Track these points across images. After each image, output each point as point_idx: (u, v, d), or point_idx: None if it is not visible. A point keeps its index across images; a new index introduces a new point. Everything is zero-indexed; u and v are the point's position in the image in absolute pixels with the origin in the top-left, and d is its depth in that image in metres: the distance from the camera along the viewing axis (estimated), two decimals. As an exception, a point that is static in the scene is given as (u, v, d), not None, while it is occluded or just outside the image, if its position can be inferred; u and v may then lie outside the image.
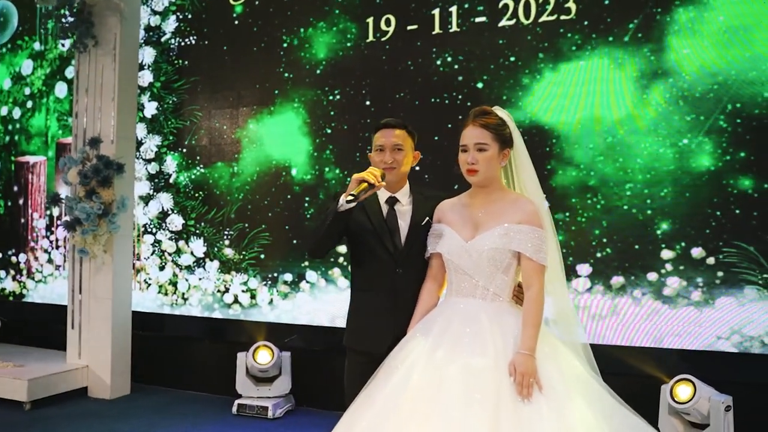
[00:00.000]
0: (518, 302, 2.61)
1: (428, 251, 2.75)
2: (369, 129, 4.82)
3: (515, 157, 2.65)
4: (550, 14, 4.39)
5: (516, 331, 2.46)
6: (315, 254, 2.91)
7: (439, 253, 2.69)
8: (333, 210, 2.64)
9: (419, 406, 2.31)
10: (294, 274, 5.03)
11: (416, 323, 2.69)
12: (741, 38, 3.96)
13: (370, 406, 2.46)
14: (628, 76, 4.20)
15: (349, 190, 2.60)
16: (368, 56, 4.88)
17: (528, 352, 2.37)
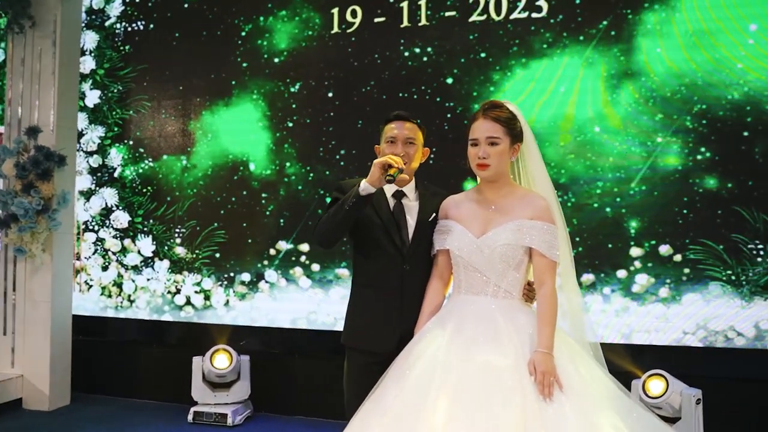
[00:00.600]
0: (528, 300, 2.56)
1: (435, 248, 2.63)
2: (333, 123, 4.68)
3: (525, 152, 2.58)
4: (521, 11, 4.38)
5: (530, 330, 2.39)
6: (326, 242, 2.70)
7: (446, 249, 2.58)
8: (355, 194, 2.48)
9: (440, 408, 2.20)
10: (252, 274, 4.80)
11: (424, 322, 2.57)
12: (707, 42, 4.07)
13: (382, 411, 2.33)
14: (599, 76, 4.24)
15: (372, 175, 2.45)
16: (333, 48, 4.71)
17: (547, 351, 2.31)
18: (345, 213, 2.49)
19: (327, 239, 2.67)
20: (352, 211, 2.49)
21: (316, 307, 4.66)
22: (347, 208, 2.48)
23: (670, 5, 4.13)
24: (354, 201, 2.47)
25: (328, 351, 4.66)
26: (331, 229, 2.59)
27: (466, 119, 4.44)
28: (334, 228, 2.57)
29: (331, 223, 2.57)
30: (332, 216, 2.56)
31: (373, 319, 2.64)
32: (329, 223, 2.58)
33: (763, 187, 3.97)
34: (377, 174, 2.46)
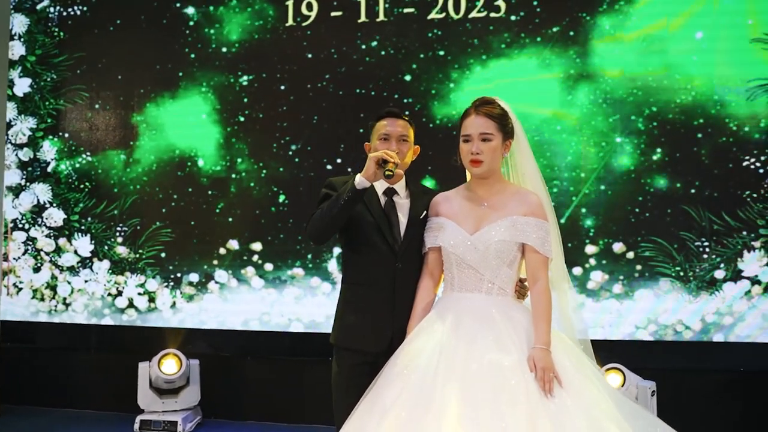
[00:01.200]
0: (519, 297, 2.55)
1: (426, 246, 2.59)
2: (286, 118, 4.55)
3: (516, 148, 2.58)
4: (479, 11, 4.40)
5: (526, 326, 2.39)
6: (320, 237, 2.62)
7: (437, 247, 2.54)
8: (351, 188, 2.42)
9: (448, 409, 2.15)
10: (201, 274, 4.59)
11: (416, 321, 2.52)
12: (657, 47, 4.24)
13: (381, 411, 2.26)
14: (555, 77, 4.32)
15: (367, 170, 2.39)
16: (287, 41, 4.57)
17: (545, 347, 2.31)
18: (341, 207, 2.43)
19: (321, 234, 2.59)
20: (348, 206, 2.43)
21: (269, 308, 4.52)
22: (342, 202, 2.42)
23: (624, 11, 4.26)
24: (350, 195, 2.41)
25: (282, 353, 4.55)
26: (326, 224, 2.51)
27: (425, 117, 4.43)
28: (329, 223, 2.50)
29: (325, 218, 2.50)
30: (327, 211, 2.48)
31: (365, 318, 2.57)
32: (324, 218, 2.50)
33: (708, 187, 4.16)
34: (373, 168, 2.40)
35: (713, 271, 4.15)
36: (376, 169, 2.41)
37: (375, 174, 2.42)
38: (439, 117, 4.42)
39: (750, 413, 4.08)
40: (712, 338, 4.14)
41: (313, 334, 4.46)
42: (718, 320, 4.13)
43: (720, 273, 4.14)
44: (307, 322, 4.47)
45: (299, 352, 4.52)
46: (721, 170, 4.16)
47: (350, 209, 2.46)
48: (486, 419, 2.12)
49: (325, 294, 4.46)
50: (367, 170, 2.41)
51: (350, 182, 2.44)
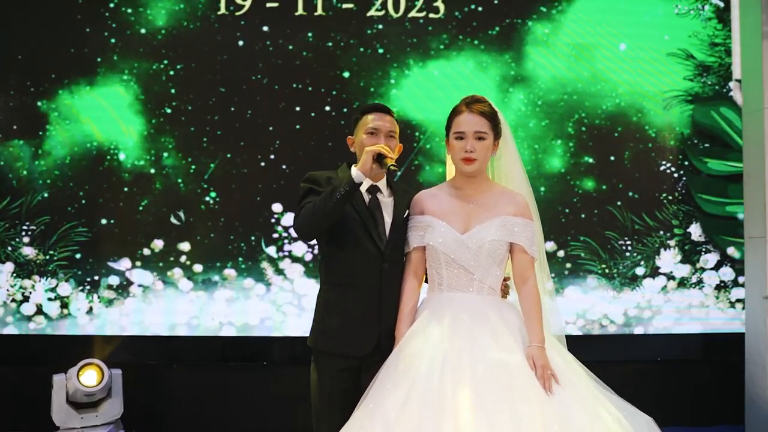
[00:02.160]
0: (503, 296, 2.58)
1: (411, 245, 2.53)
2: (218, 111, 4.33)
3: (504, 149, 2.60)
4: (419, 11, 4.42)
5: (518, 325, 2.42)
6: (312, 233, 2.51)
7: (422, 246, 2.51)
8: (349, 182, 2.32)
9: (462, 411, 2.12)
10: (121, 277, 4.25)
11: (406, 324, 2.47)
12: (585, 55, 4.46)
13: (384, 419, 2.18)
14: (491, 80, 4.43)
15: (364, 164, 2.32)
16: (219, 31, 4.34)
17: (540, 345, 2.35)
18: (337, 201, 2.32)
19: (314, 229, 2.47)
20: (345, 199, 2.34)
21: (198, 311, 4.27)
22: (339, 196, 2.32)
23: (555, 18, 4.45)
24: (347, 189, 2.32)
25: (212, 359, 4.32)
26: (319, 218, 2.38)
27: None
28: (323, 217, 2.37)
29: (319, 212, 2.37)
30: (321, 205, 2.36)
31: (350, 320, 2.47)
32: (317, 212, 2.37)
33: (630, 189, 4.45)
34: (369, 162, 2.34)
35: (634, 268, 4.44)
36: (372, 163, 2.35)
37: (372, 169, 2.35)
38: (377, 115, 4.38)
39: (666, 399, 4.39)
40: (633, 331, 4.43)
41: (247, 338, 4.27)
42: (639, 314, 4.42)
43: (640, 270, 4.44)
44: (240, 326, 4.27)
45: (232, 358, 4.31)
46: (642, 174, 4.46)
47: (346, 203, 2.37)
48: (501, 421, 2.11)
49: (259, 296, 4.28)
50: (365, 164, 2.34)
51: (346, 176, 2.36)
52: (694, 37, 4.48)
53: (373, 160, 2.35)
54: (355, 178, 2.33)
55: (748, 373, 4.17)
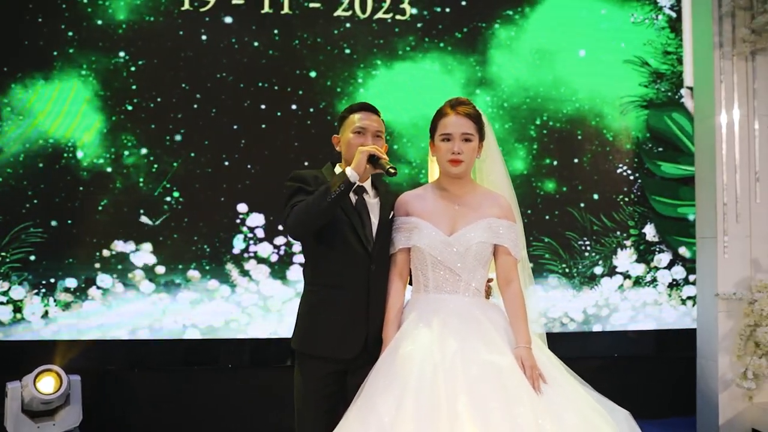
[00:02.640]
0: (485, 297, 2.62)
1: (396, 246, 2.53)
2: (182, 109, 4.23)
3: (488, 150, 2.63)
4: (385, 12, 4.43)
5: (504, 326, 2.46)
6: (304, 232, 2.44)
7: (407, 248, 2.52)
8: (344, 181, 2.29)
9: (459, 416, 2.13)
10: (79, 279, 4.09)
11: (393, 327, 2.46)
12: (547, 61, 4.57)
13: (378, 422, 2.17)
14: (457, 82, 4.49)
15: (359, 164, 2.30)
16: (183, 26, 4.23)
17: (528, 346, 2.39)
18: (332, 200, 2.29)
19: (307, 228, 2.40)
20: (339, 199, 2.31)
21: (160, 314, 4.15)
22: (334, 195, 2.28)
23: (518, 23, 4.54)
24: (343, 188, 2.29)
25: (175, 363, 4.21)
26: (313, 217, 2.33)
27: (330, 114, 4.36)
28: (316, 216, 2.33)
29: (312, 211, 2.32)
30: (314, 204, 2.31)
31: (338, 323, 2.43)
32: (311, 211, 2.32)
33: (589, 191, 4.59)
34: (364, 162, 2.32)
35: (593, 267, 4.58)
36: (366, 163, 2.33)
37: (366, 169, 2.34)
38: (344, 116, 4.37)
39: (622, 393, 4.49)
40: (592, 328, 4.57)
41: (212, 341, 4.18)
42: (597, 312, 4.56)
43: (599, 269, 4.59)
44: (204, 329, 4.18)
45: (196, 361, 4.21)
46: (600, 176, 4.61)
47: (340, 203, 2.34)
48: (496, 422, 2.13)
49: (224, 297, 4.20)
50: (359, 164, 2.31)
51: (340, 174, 2.33)
52: (648, 45, 4.67)
53: (367, 160, 2.35)
54: (350, 177, 2.30)
55: (699, 367, 4.36)
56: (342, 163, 2.59)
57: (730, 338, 4.17)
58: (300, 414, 2.51)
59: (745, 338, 4.11)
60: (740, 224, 4.20)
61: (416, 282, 2.55)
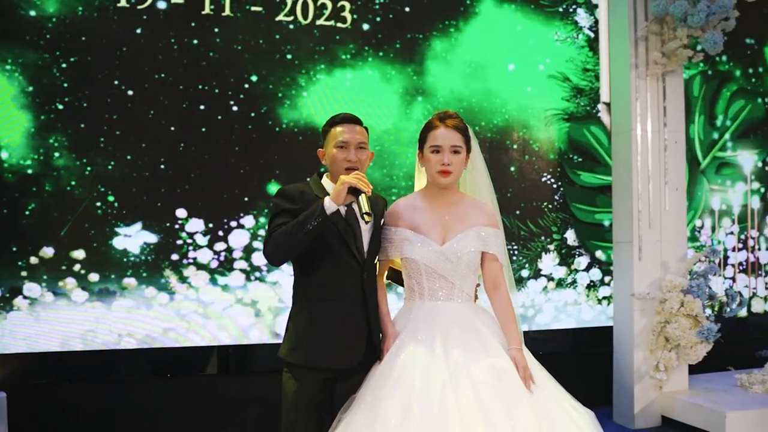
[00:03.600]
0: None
1: (388, 256, 2.62)
2: (117, 110, 4.06)
3: (473, 161, 2.75)
4: (327, 19, 4.45)
5: (495, 329, 2.59)
6: (282, 260, 2.48)
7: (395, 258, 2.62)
8: (320, 213, 2.31)
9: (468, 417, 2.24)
10: (4, 288, 3.80)
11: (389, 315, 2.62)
12: (479, 73, 4.78)
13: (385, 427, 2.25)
14: (395, 91, 4.59)
15: (338, 195, 2.33)
16: (119, 24, 4.04)
17: (520, 347, 2.55)
18: (308, 232, 2.33)
19: (284, 257, 2.46)
20: (317, 230, 2.34)
21: (94, 324, 3.95)
22: (311, 227, 2.32)
23: (453, 36, 4.72)
24: (319, 221, 2.32)
25: (111, 374, 4.02)
26: (290, 246, 2.38)
27: (271, 120, 4.33)
28: (293, 246, 2.37)
29: (290, 240, 2.36)
30: (292, 233, 2.34)
31: (338, 334, 2.48)
32: (289, 240, 2.36)
33: (517, 198, 4.84)
34: (344, 194, 2.35)
35: (521, 270, 4.84)
36: (347, 195, 2.36)
37: (346, 199, 2.37)
38: (285, 121, 4.35)
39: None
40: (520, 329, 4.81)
41: (149, 351, 4.04)
42: (524, 312, 4.82)
43: (525, 272, 4.85)
44: (141, 338, 4.03)
45: (132, 372, 4.05)
46: (527, 184, 4.87)
47: (317, 233, 2.36)
48: (501, 422, 2.26)
49: (162, 305, 4.07)
50: (339, 196, 2.35)
51: (318, 206, 2.34)
52: (570, 62, 4.99)
53: (348, 191, 2.36)
54: (327, 210, 2.33)
55: (616, 361, 4.74)
56: (329, 174, 2.62)
57: (644, 334, 4.56)
58: (292, 422, 2.53)
59: (657, 334, 4.51)
60: (652, 230, 4.61)
61: (410, 289, 2.65)
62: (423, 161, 2.64)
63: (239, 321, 4.23)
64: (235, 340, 4.21)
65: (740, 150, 5.48)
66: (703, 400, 4.37)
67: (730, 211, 5.44)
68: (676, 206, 4.67)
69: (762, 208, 5.56)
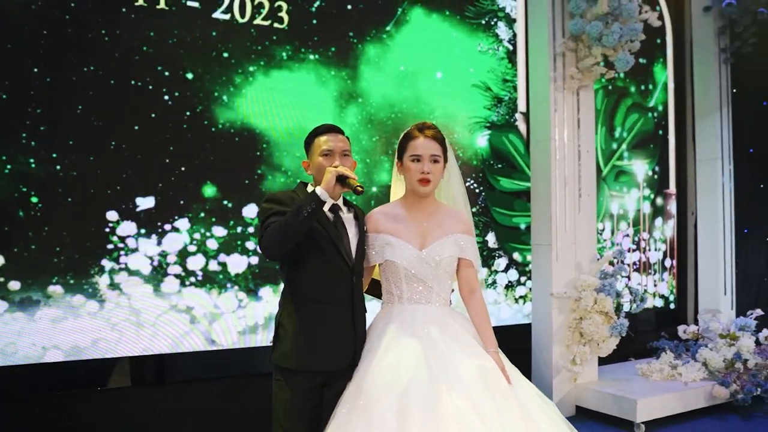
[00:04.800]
0: None
1: (371, 261, 2.68)
2: (41, 103, 3.78)
3: (450, 171, 2.84)
4: (264, 19, 4.37)
5: (472, 332, 2.71)
6: (278, 253, 2.46)
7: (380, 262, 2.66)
8: (314, 200, 2.37)
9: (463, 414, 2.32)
10: None
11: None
12: (409, 80, 4.89)
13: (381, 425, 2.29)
14: (330, 94, 4.59)
15: (328, 183, 2.39)
16: (42, 11, 3.73)
17: (497, 349, 2.68)
18: (303, 219, 2.38)
19: (281, 247, 2.46)
20: (311, 217, 2.40)
21: (15, 336, 3.62)
22: (306, 213, 2.38)
23: (385, 42, 4.79)
24: (314, 207, 2.39)
25: (35, 390, 3.71)
26: (286, 236, 2.40)
27: (207, 120, 4.19)
28: (290, 235, 2.40)
29: (286, 230, 2.39)
30: (287, 223, 2.39)
31: (328, 337, 2.53)
32: (285, 230, 2.39)
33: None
34: (333, 181, 2.42)
35: (447, 272, 5.00)
36: (335, 183, 2.42)
37: (335, 189, 2.43)
38: (221, 121, 4.22)
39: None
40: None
41: (78, 363, 3.76)
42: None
43: (451, 273, 5.02)
44: (68, 350, 3.74)
45: (59, 386, 3.75)
46: (453, 189, 5.05)
47: (312, 221, 2.42)
48: (491, 419, 2.37)
49: (90, 314, 3.80)
50: (329, 183, 2.41)
51: (311, 194, 2.41)
52: (491, 73, 5.24)
53: (336, 180, 2.42)
54: (320, 196, 2.39)
55: (534, 357, 5.03)
56: (314, 183, 2.65)
57: (561, 331, 4.89)
58: (285, 428, 2.52)
59: (573, 330, 4.86)
60: (567, 233, 4.95)
61: (388, 293, 2.71)
62: (402, 170, 2.72)
63: (173, 329, 4.05)
64: (169, 349, 4.03)
65: (634, 159, 6.02)
66: (614, 389, 4.76)
67: (626, 216, 5.96)
68: (587, 211, 5.05)
69: (651, 213, 6.14)
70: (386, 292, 2.72)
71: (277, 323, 2.57)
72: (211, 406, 4.13)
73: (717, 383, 4.89)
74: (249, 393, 4.18)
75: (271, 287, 4.34)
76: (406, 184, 2.73)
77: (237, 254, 4.23)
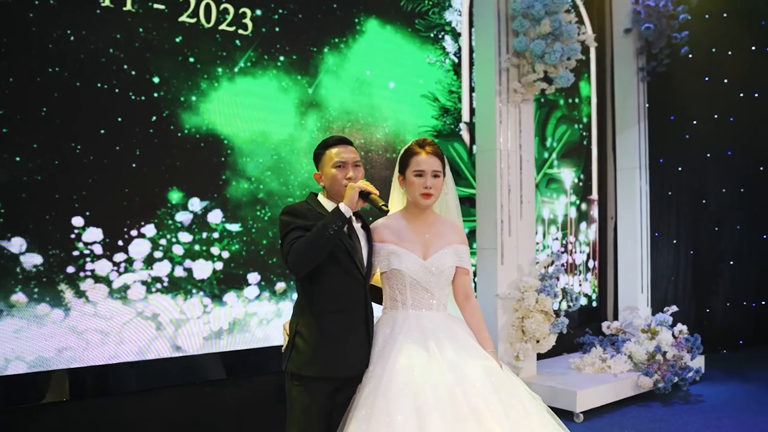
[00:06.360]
0: None
1: (379, 269, 2.81)
2: (3, 104, 3.61)
3: (447, 185, 3.01)
4: (229, 24, 4.37)
5: (471, 334, 2.89)
6: (306, 268, 2.54)
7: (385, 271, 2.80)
8: (340, 217, 2.49)
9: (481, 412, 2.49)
10: None
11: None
12: (365, 89, 5.04)
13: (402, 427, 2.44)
14: (291, 102, 4.65)
15: (351, 199, 2.52)
16: (6, 11, 3.56)
17: (493, 350, 2.88)
18: (330, 237, 2.50)
19: (308, 264, 2.55)
20: (337, 234, 2.52)
21: (-15, 347, 3.46)
22: (332, 231, 2.49)
23: (343, 52, 4.91)
24: (339, 225, 2.51)
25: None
26: (313, 255, 2.51)
27: (173, 125, 4.16)
28: (317, 252, 2.51)
29: (313, 248, 2.50)
30: (314, 241, 2.49)
31: (346, 345, 2.64)
32: (311, 248, 2.50)
33: (395, 207, 5.17)
34: (356, 198, 2.55)
35: (399, 275, 5.18)
36: (358, 199, 2.55)
37: (358, 203, 2.56)
38: (187, 126, 4.19)
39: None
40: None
41: (42, 374, 3.63)
42: (402, 314, 5.18)
43: (402, 276, 5.21)
44: (32, 360, 3.61)
45: (23, 400, 3.60)
46: (404, 195, 5.24)
47: (337, 237, 2.54)
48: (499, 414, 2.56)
49: (55, 323, 3.68)
50: (351, 199, 2.54)
51: (335, 210, 2.52)
52: (438, 84, 5.47)
53: (359, 195, 2.54)
54: (345, 213, 2.51)
55: (479, 354, 5.31)
56: (324, 192, 2.73)
57: (506, 329, 5.20)
58: None
59: (516, 328, 5.18)
60: (511, 237, 5.26)
61: (391, 299, 2.85)
62: (404, 184, 2.87)
63: (140, 335, 3.99)
64: (136, 356, 3.97)
65: (563, 167, 6.46)
66: (554, 382, 5.13)
67: (555, 220, 6.38)
68: (527, 217, 5.39)
69: (577, 218, 6.61)
70: (389, 298, 2.86)
71: (294, 332, 2.65)
72: (182, 412, 4.10)
73: (642, 374, 5.38)
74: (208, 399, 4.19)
75: (235, 292, 4.36)
76: (407, 196, 2.88)
77: (202, 260, 4.22)
